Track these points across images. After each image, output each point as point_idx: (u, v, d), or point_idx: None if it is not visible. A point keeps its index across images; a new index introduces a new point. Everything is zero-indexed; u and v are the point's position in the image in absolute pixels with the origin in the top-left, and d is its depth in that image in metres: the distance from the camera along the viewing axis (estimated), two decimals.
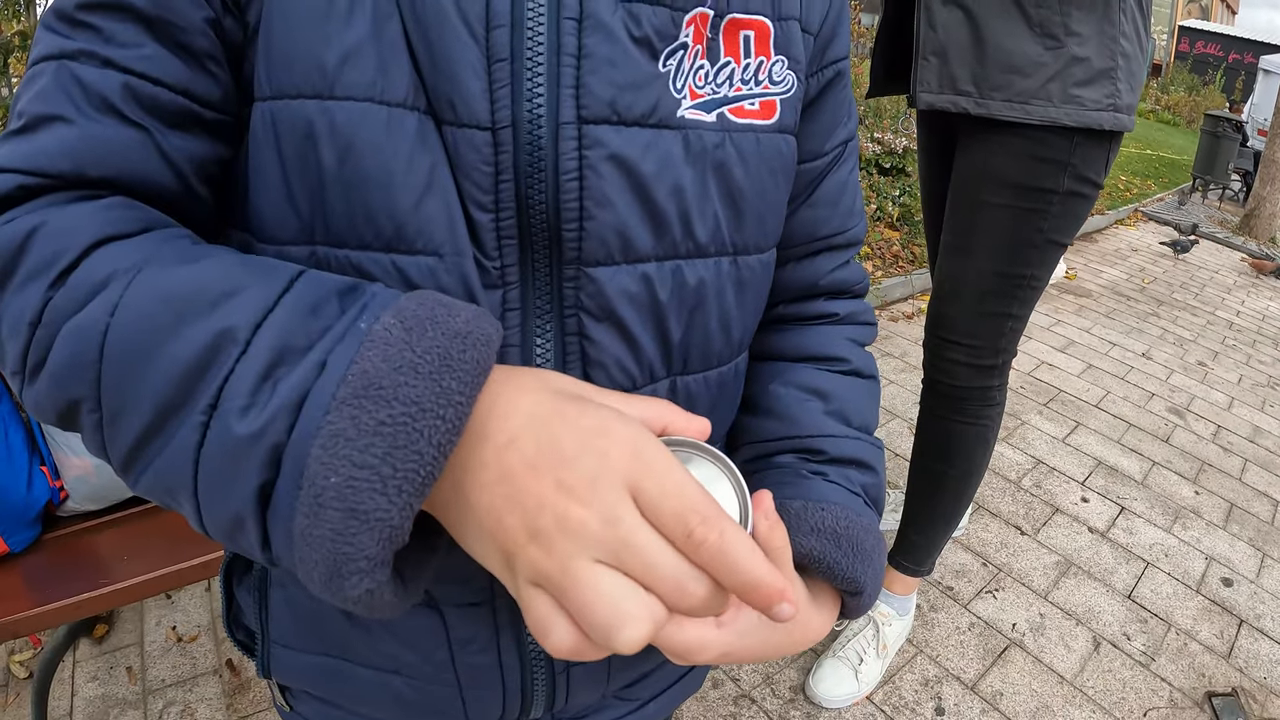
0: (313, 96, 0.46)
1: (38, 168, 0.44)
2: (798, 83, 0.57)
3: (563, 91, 0.48)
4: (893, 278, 4.60)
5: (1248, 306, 5.94)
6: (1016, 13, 1.52)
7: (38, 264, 0.42)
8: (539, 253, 0.50)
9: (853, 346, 0.68)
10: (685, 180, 0.52)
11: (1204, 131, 10.26)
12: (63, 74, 0.45)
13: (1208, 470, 3.28)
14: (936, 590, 2.31)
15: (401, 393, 0.36)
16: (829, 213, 0.65)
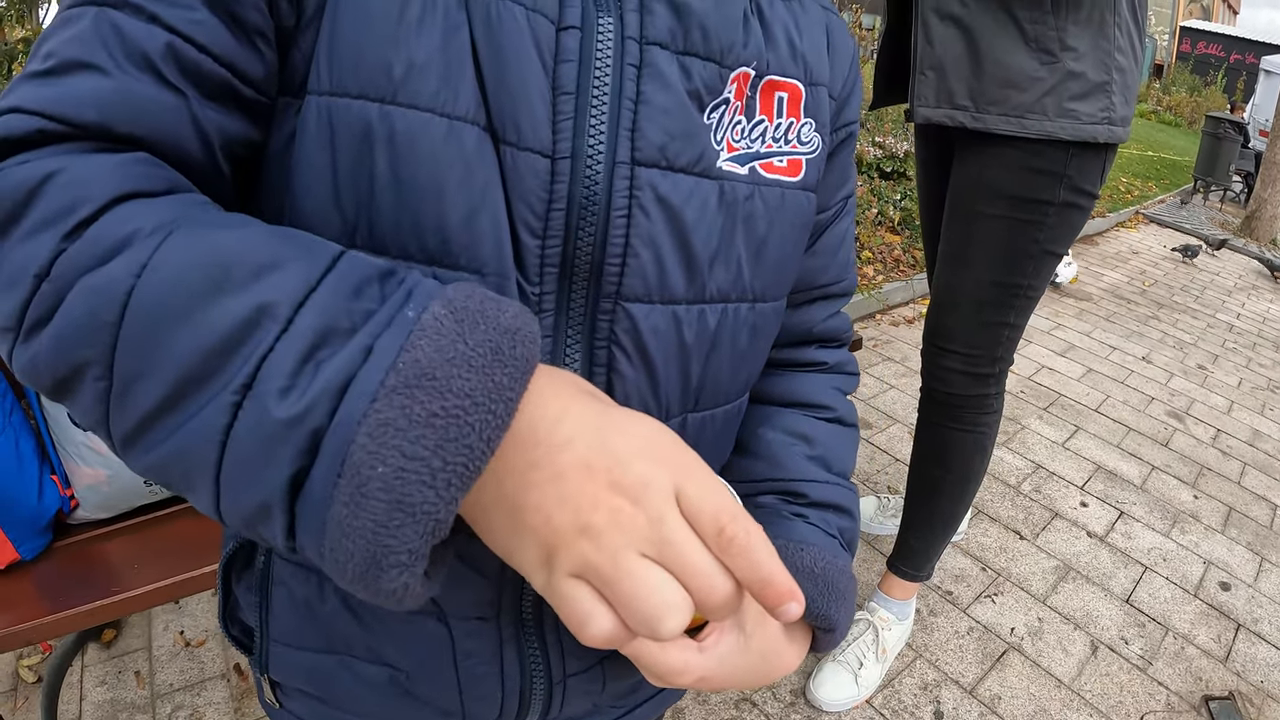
0: (375, 100, 0.46)
1: (61, 113, 0.41)
2: (822, 144, 0.61)
3: (620, 132, 0.50)
4: (893, 282, 4.61)
5: (1248, 309, 5.95)
6: (1013, 28, 1.54)
7: (51, 212, 0.39)
8: (578, 283, 0.52)
9: (838, 395, 0.72)
10: (718, 228, 0.55)
11: (1205, 133, 10.28)
12: (103, 21, 0.43)
13: (1207, 474, 3.29)
14: (936, 595, 2.33)
15: (455, 384, 0.36)
16: (827, 262, 0.69)
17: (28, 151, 0.41)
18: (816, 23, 0.61)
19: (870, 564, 2.40)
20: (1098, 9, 1.53)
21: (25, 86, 0.42)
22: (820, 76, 0.60)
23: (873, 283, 4.53)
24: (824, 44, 0.62)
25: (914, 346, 4.01)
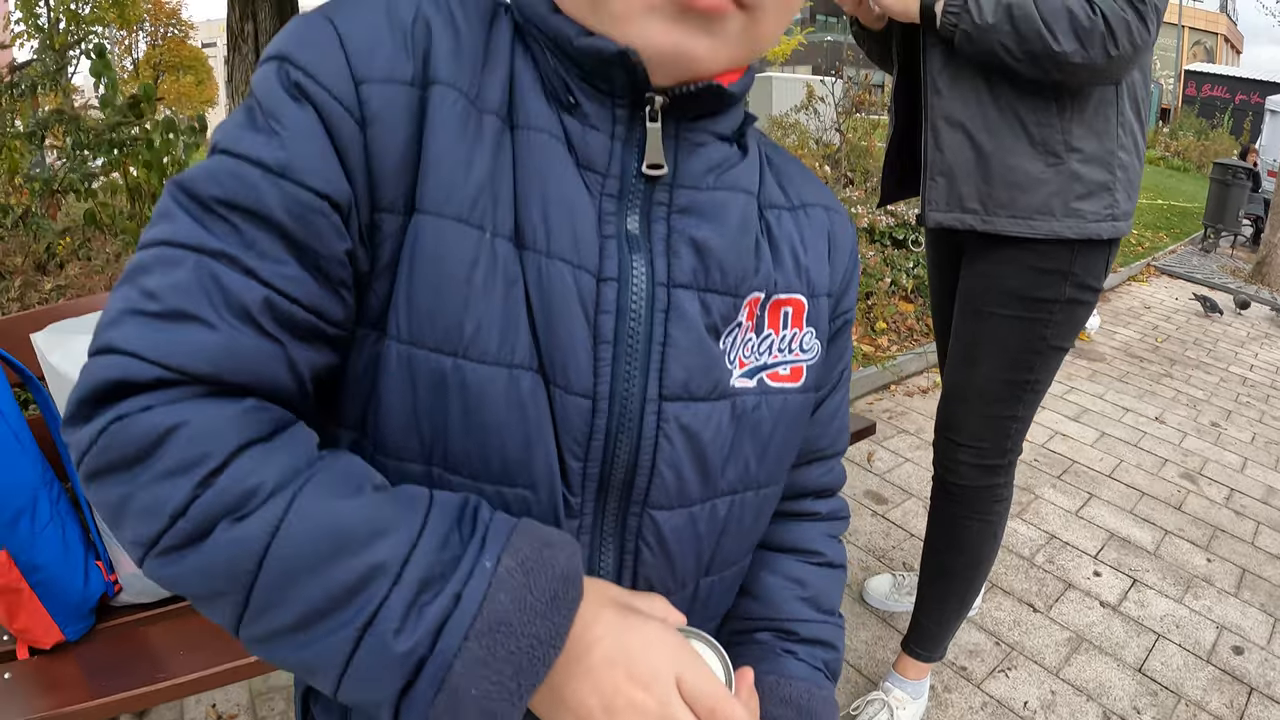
0: (449, 354, 0.55)
1: (178, 365, 0.48)
2: (821, 349, 0.72)
3: (650, 373, 0.60)
4: (907, 352, 4.71)
5: (1261, 360, 6.00)
6: (1020, 132, 1.64)
7: (183, 461, 0.47)
8: (612, 495, 0.62)
9: (829, 541, 0.83)
10: (729, 439, 0.66)
11: (1213, 179, 10.39)
12: (203, 272, 0.49)
13: (1220, 536, 3.33)
14: (950, 670, 2.41)
15: (526, 629, 0.49)
16: (824, 430, 0.79)
17: (144, 395, 0.48)
18: (819, 231, 0.73)
19: (885, 641, 2.48)
20: (1101, 111, 1.62)
21: (133, 326, 0.49)
22: (820, 286, 0.71)
23: (887, 353, 4.64)
24: (825, 250, 0.73)
25: (928, 418, 4.09)
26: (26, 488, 1.51)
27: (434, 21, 0.57)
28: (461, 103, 0.56)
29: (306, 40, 0.54)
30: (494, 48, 0.59)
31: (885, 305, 5.11)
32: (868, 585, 2.73)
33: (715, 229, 0.62)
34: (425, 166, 0.55)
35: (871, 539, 3.10)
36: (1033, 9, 1.49)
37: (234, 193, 0.51)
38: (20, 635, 1.54)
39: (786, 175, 0.72)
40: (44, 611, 1.52)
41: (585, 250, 0.58)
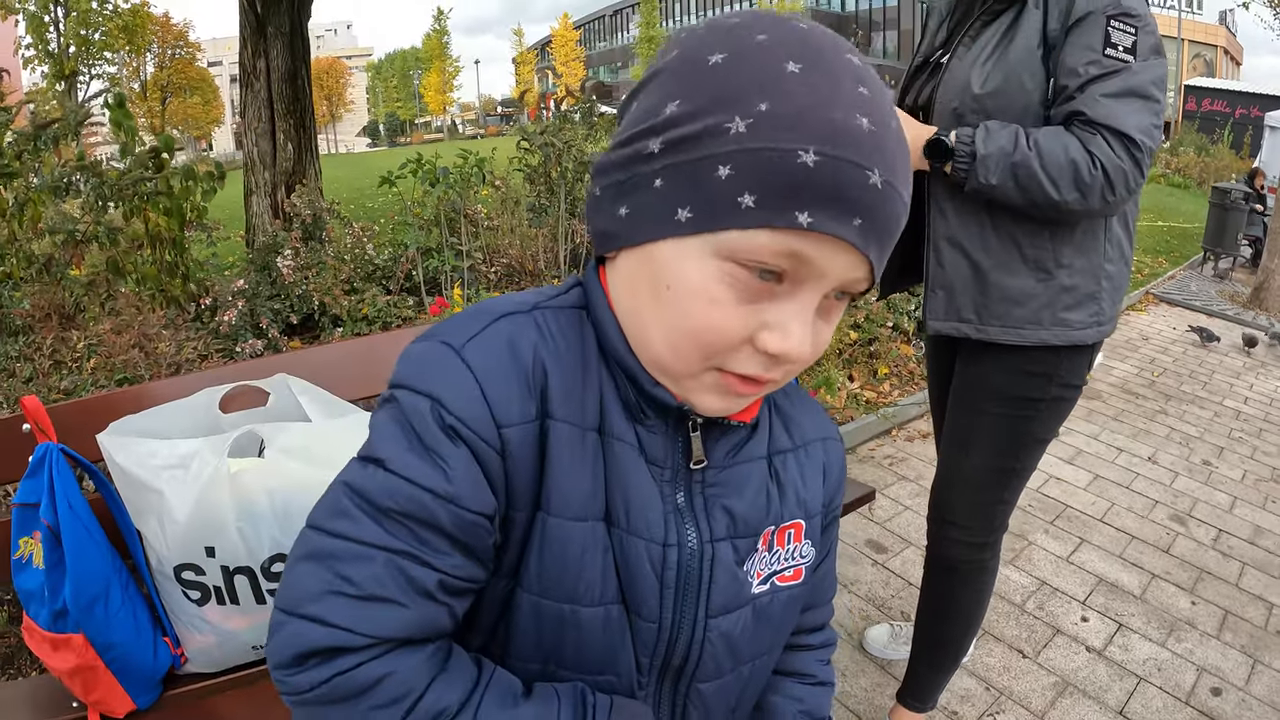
0: (566, 603, 0.75)
1: (383, 635, 0.66)
2: (815, 552, 0.91)
3: (700, 604, 0.80)
4: (909, 396, 4.87)
5: (1256, 391, 6.13)
6: (1015, 252, 1.80)
7: (393, 697, 0.66)
8: (669, 676, 0.83)
9: (820, 665, 1.04)
10: (751, 629, 0.85)
11: (1212, 204, 10.51)
12: (392, 567, 0.67)
13: (1205, 578, 3.45)
14: (942, 715, 2.55)
15: None
16: (816, 588, 0.98)
17: (357, 654, 0.66)
18: (816, 465, 0.91)
19: (883, 688, 2.63)
20: (1090, 231, 1.77)
21: (342, 605, 0.66)
22: (815, 508, 0.90)
23: (888, 398, 4.79)
24: (821, 479, 0.92)
25: (928, 463, 4.23)
26: (100, 577, 1.65)
27: (549, 363, 0.73)
28: (573, 432, 0.74)
29: (451, 385, 0.70)
30: (588, 373, 0.76)
31: (888, 350, 5.26)
32: (867, 635, 2.89)
33: (738, 496, 0.82)
34: (549, 481, 0.73)
35: (872, 588, 3.25)
36: (1037, 166, 1.63)
37: (411, 509, 0.68)
38: (95, 705, 1.69)
39: (793, 419, 0.91)
40: (117, 684, 1.67)
41: (654, 527, 0.77)
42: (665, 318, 0.68)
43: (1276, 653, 2.98)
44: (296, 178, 6.59)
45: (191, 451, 1.66)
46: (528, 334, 0.74)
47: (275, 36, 6.56)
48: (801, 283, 0.65)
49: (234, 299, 4.48)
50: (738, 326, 0.66)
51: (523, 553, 0.75)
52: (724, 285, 0.65)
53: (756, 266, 0.64)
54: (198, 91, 44.59)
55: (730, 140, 0.61)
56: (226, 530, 1.65)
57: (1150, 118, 1.62)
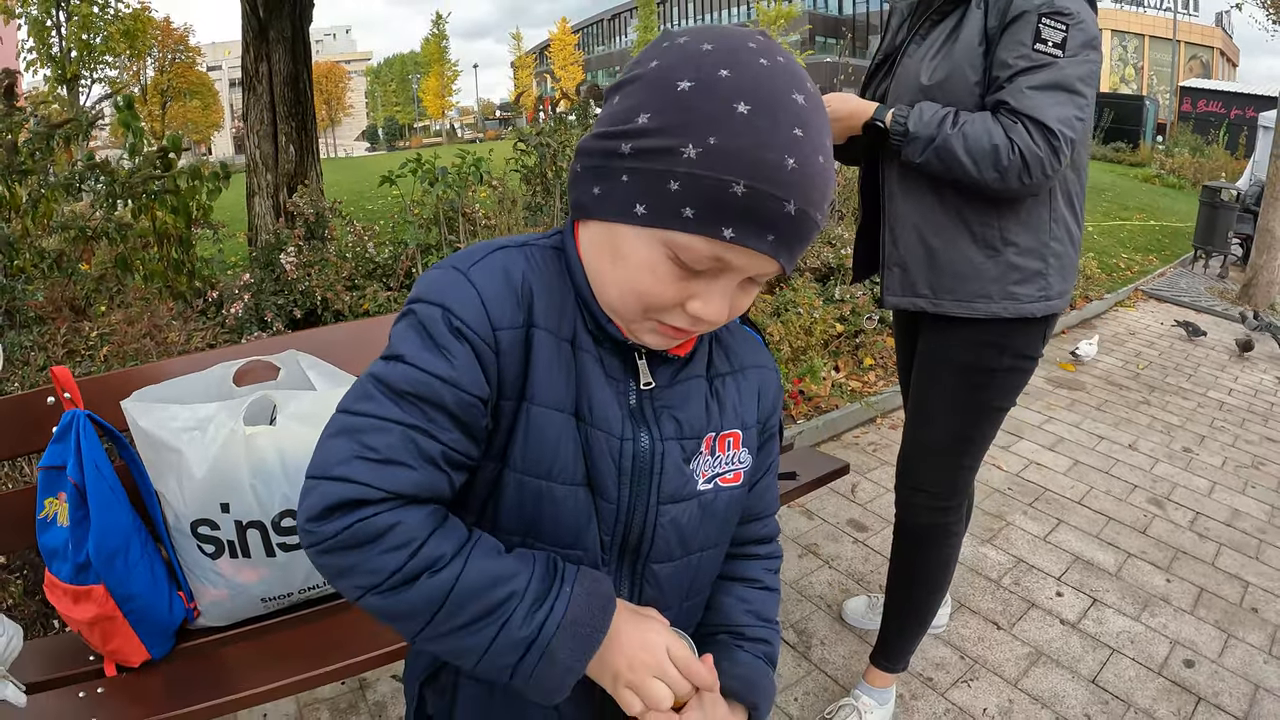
0: (544, 479, 0.90)
1: (396, 490, 0.80)
2: (752, 458, 1.07)
3: (652, 490, 0.96)
4: (892, 386, 4.99)
5: (1241, 384, 6.21)
6: (964, 230, 1.96)
7: (400, 541, 0.79)
8: (627, 555, 0.99)
9: (767, 573, 1.18)
10: (698, 520, 1.01)
11: (1202, 203, 10.61)
12: (406, 438, 0.82)
13: (1181, 558, 3.54)
14: (917, 681, 2.67)
15: (588, 624, 0.86)
16: (758, 503, 1.15)
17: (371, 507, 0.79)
18: (751, 387, 1.07)
19: (860, 655, 2.75)
20: (1035, 210, 1.93)
21: (363, 467, 0.80)
22: (750, 421, 1.06)
23: (873, 388, 4.92)
24: (755, 400, 1.07)
25: None
26: (121, 532, 1.77)
27: (534, 285, 0.91)
28: (550, 338, 0.91)
29: (458, 297, 0.87)
30: (564, 298, 0.93)
31: (873, 342, 5.38)
32: (846, 606, 3.02)
33: (683, 408, 0.99)
34: (532, 376, 0.89)
35: (851, 564, 3.38)
36: (959, 147, 1.80)
37: (423, 392, 0.84)
38: (111, 655, 1.81)
39: (731, 349, 1.07)
40: (134, 635, 1.79)
41: (613, 424, 0.94)
42: (619, 278, 0.87)
43: (1251, 628, 3.07)
44: (298, 179, 6.70)
45: (209, 415, 1.78)
46: (518, 262, 0.92)
47: (277, 40, 6.67)
48: (722, 273, 0.85)
49: (240, 293, 4.60)
50: (672, 295, 0.85)
51: (509, 437, 0.90)
52: (664, 268, 0.84)
53: (689, 264, 0.83)
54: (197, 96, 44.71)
55: (682, 163, 0.78)
56: (241, 487, 1.78)
57: (1072, 110, 1.78)
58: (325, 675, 1.79)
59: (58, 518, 1.76)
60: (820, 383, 4.70)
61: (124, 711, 1.67)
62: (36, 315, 4.00)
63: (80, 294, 4.43)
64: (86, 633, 1.78)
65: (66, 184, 4.74)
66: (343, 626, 1.96)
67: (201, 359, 2.09)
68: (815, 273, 5.85)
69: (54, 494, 1.77)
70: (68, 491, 1.75)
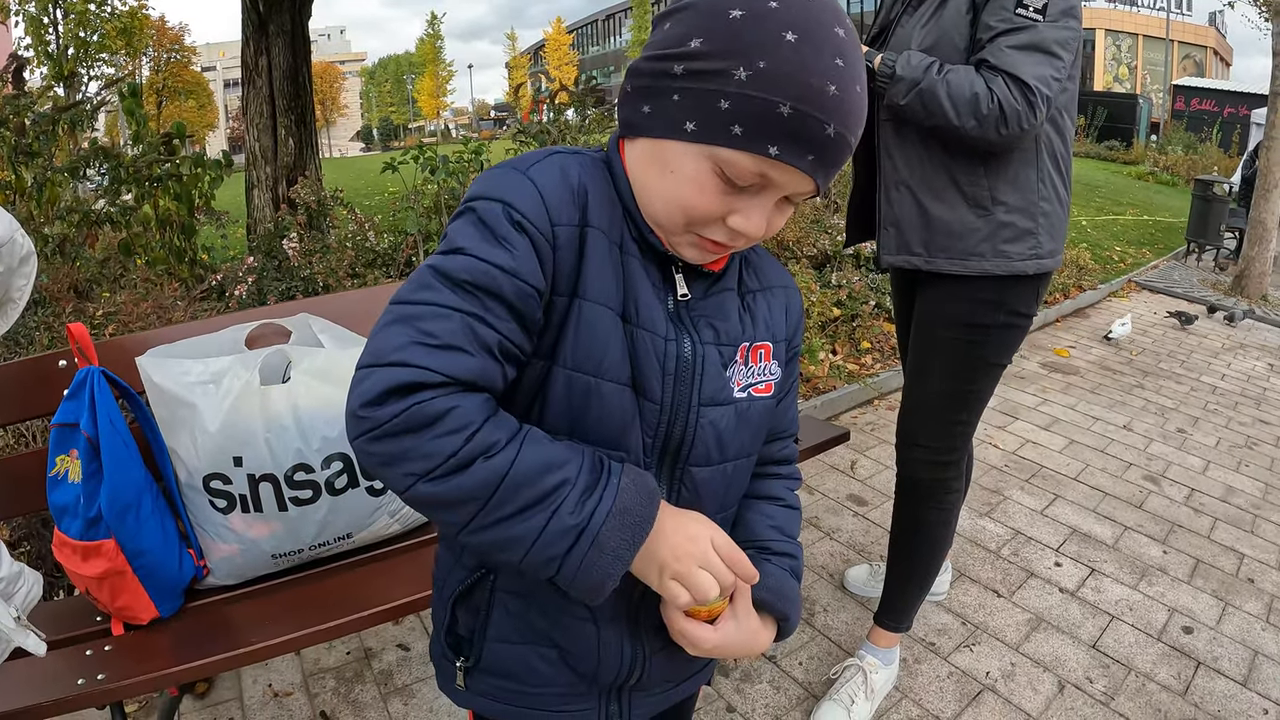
0: (593, 375, 0.92)
1: (454, 375, 0.80)
2: (781, 371, 1.10)
3: (694, 391, 0.99)
4: (890, 369, 5.03)
5: (1233, 369, 6.25)
6: (955, 190, 2.02)
7: (457, 425, 0.79)
8: (667, 458, 1.01)
9: (788, 491, 1.22)
10: (734, 426, 1.04)
11: (1195, 196, 10.67)
12: (465, 325, 0.82)
13: (1177, 531, 3.58)
14: (920, 646, 2.70)
15: (636, 514, 0.87)
16: (781, 421, 1.19)
17: (430, 391, 0.79)
18: (779, 304, 1.12)
19: (863, 622, 2.78)
20: (1023, 171, 1.99)
21: (422, 352, 0.81)
22: (779, 335, 1.10)
23: (870, 371, 4.95)
24: (783, 315, 1.12)
25: None
26: (134, 486, 1.79)
27: (589, 187, 0.94)
28: (603, 239, 0.94)
29: (519, 193, 0.90)
30: (614, 207, 0.96)
31: (870, 326, 5.42)
32: (847, 574, 3.06)
33: (719, 317, 1.03)
34: (585, 272, 0.92)
35: (853, 536, 3.42)
36: (942, 93, 1.87)
37: (483, 281, 0.85)
38: (119, 613, 1.82)
39: (760, 269, 1.12)
40: (143, 591, 1.80)
41: (658, 325, 0.97)
42: (665, 191, 0.92)
43: (1247, 597, 3.10)
44: (297, 172, 6.73)
45: (224, 368, 1.80)
46: (574, 165, 0.96)
47: (277, 34, 6.71)
48: (764, 190, 0.89)
49: (243, 276, 4.62)
50: (715, 209, 0.90)
51: (560, 334, 0.92)
52: (710, 181, 0.88)
53: (733, 179, 0.87)
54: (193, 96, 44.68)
55: (733, 84, 0.83)
56: (254, 440, 1.80)
57: (1049, 70, 1.86)
58: (333, 629, 1.80)
59: (69, 474, 1.78)
60: (819, 364, 4.74)
61: (132, 668, 1.68)
62: (41, 297, 4.02)
63: (84, 278, 4.45)
64: (95, 589, 1.79)
65: (72, 168, 4.78)
66: (350, 584, 1.98)
67: (214, 323, 2.11)
68: (812, 260, 5.89)
69: (65, 451, 1.79)
70: (80, 446, 1.76)
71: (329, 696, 2.43)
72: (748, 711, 2.42)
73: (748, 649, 1.03)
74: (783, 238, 5.83)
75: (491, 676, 1.10)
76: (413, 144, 5.76)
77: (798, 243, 5.88)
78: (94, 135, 5.82)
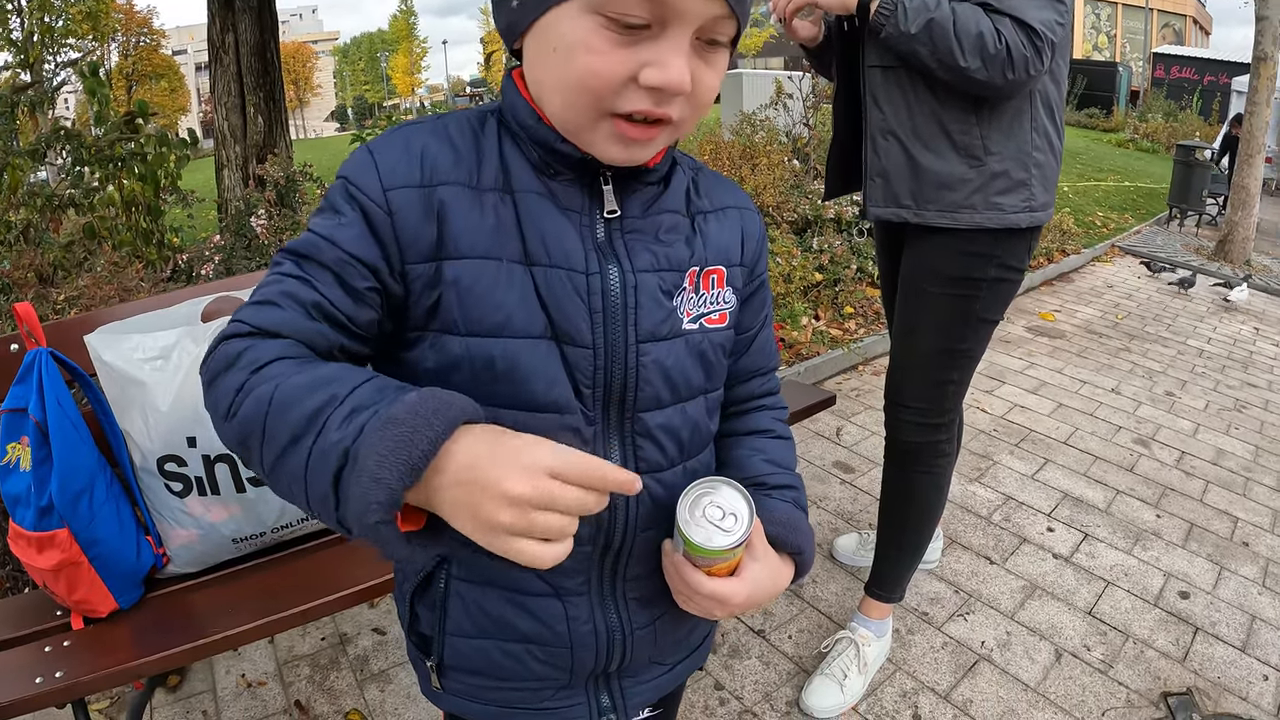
0: (494, 335, 0.83)
1: (259, 325, 0.78)
2: (737, 301, 1.00)
3: (628, 328, 0.88)
4: (874, 334, 4.96)
5: (1219, 333, 6.24)
6: (945, 139, 1.91)
7: (245, 362, 0.75)
8: (613, 407, 0.90)
9: (776, 422, 1.12)
10: (685, 364, 0.93)
11: (1177, 161, 10.67)
12: (284, 285, 0.81)
13: (1170, 494, 3.55)
14: (913, 616, 2.64)
15: (407, 424, 0.66)
16: (759, 357, 1.10)
17: (241, 339, 0.77)
18: (732, 225, 1.00)
19: (853, 592, 2.72)
20: (1016, 119, 1.89)
21: (246, 309, 0.81)
22: (734, 259, 0.99)
23: (854, 335, 4.88)
24: (739, 238, 1.01)
25: None
26: (85, 471, 1.69)
27: (436, 146, 0.87)
28: (464, 191, 0.86)
29: (359, 167, 0.86)
30: (484, 150, 0.88)
31: (852, 291, 5.35)
32: (836, 543, 2.98)
33: (659, 240, 0.93)
34: (448, 233, 0.84)
35: (840, 504, 3.35)
36: (950, 27, 1.75)
37: (308, 250, 0.83)
38: (77, 606, 1.73)
39: (708, 188, 1.01)
40: (100, 583, 1.71)
41: (574, 258, 0.86)
42: (557, 76, 0.80)
43: (1243, 561, 3.08)
44: (267, 150, 6.57)
45: (172, 342, 1.71)
46: (420, 133, 0.89)
47: (244, 10, 6.53)
48: (667, 24, 0.76)
49: (210, 254, 4.50)
50: (617, 68, 0.77)
51: (438, 302, 0.85)
52: (598, 36, 0.76)
53: (621, 18, 0.75)
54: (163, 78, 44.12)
55: None
56: (208, 419, 1.69)
57: (1053, 14, 1.77)
58: (300, 615, 1.72)
59: (20, 463, 1.68)
60: (801, 329, 4.67)
61: (92, 662, 1.60)
62: (3, 284, 3.89)
63: (48, 263, 4.31)
64: (52, 582, 1.70)
65: (32, 151, 4.62)
66: (317, 567, 1.89)
67: (169, 298, 2.00)
68: (793, 225, 5.80)
69: (16, 438, 1.69)
70: (29, 431, 1.66)
71: (304, 685, 2.34)
72: (737, 689, 2.34)
73: (775, 589, 0.93)
74: (762, 203, 5.74)
75: (464, 674, 1.01)
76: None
77: (777, 208, 5.79)
78: (59, 119, 5.66)
